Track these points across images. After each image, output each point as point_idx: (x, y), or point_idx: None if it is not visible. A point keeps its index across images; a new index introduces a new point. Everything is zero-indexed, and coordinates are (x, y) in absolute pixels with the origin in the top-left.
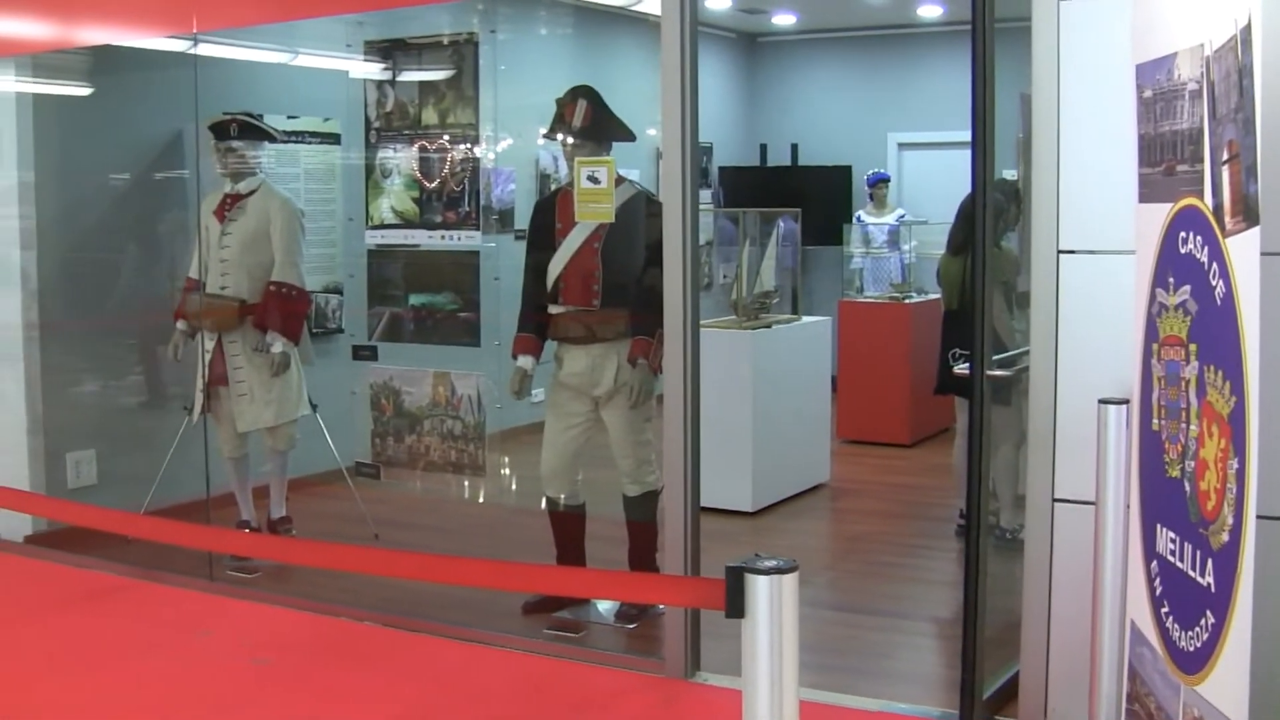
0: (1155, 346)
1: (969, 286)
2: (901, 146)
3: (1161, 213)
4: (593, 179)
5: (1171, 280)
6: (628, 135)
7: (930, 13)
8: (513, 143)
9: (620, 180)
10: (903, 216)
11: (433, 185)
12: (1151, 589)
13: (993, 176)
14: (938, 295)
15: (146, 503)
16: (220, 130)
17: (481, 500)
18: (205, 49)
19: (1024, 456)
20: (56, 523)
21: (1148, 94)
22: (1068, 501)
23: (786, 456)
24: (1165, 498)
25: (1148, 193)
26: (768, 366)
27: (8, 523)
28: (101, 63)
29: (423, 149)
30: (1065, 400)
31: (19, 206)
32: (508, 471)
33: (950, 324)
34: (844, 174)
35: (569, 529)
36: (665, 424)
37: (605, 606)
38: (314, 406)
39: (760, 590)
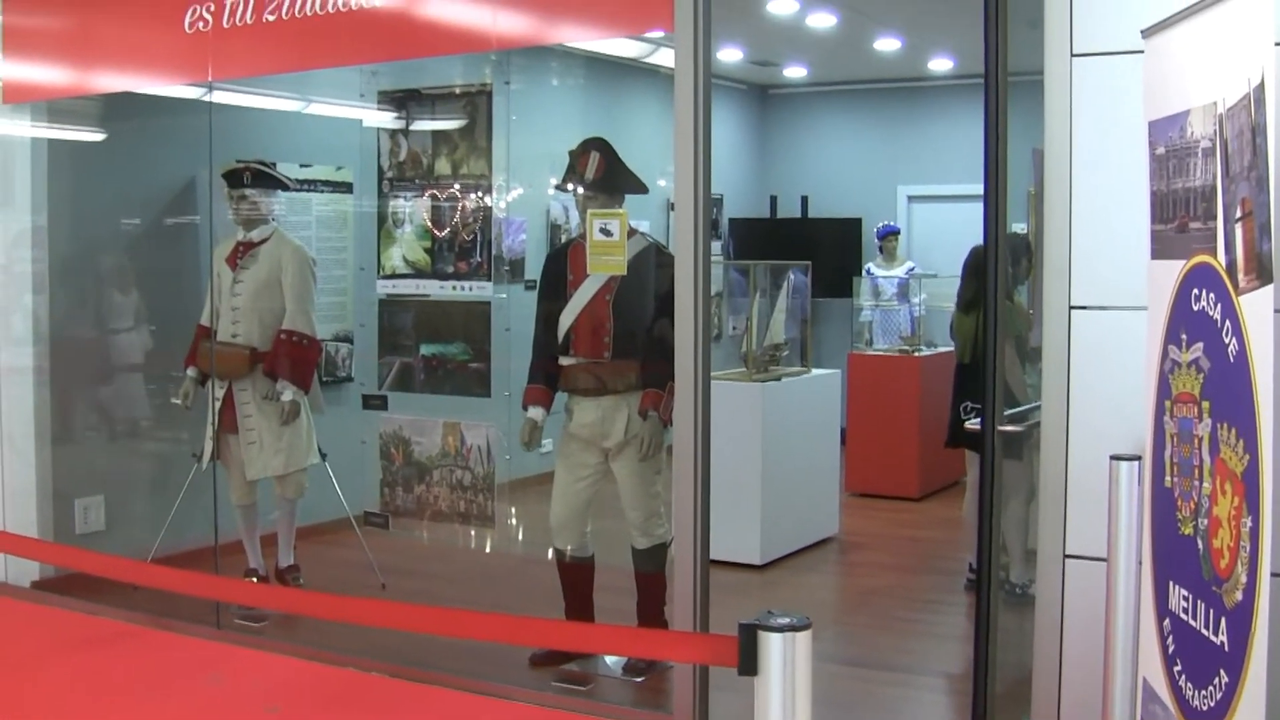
0: (1168, 403)
1: (981, 340)
2: (911, 199)
3: (1174, 269)
4: (605, 231)
5: (1184, 337)
6: (640, 187)
7: (941, 66)
8: (524, 192)
9: (632, 232)
10: (912, 269)
11: (445, 235)
12: (1164, 646)
13: (1005, 230)
14: (948, 348)
15: (154, 549)
16: (233, 178)
17: (490, 550)
18: (219, 96)
19: (1034, 511)
20: (64, 568)
21: (1160, 150)
22: (1079, 558)
23: (795, 509)
24: (1178, 555)
25: (1160, 249)
26: (777, 419)
27: (15, 568)
28: (116, 108)
29: (435, 198)
30: (1077, 456)
31: (31, 250)
32: (516, 522)
33: (962, 377)
34: (854, 226)
35: (578, 580)
36: (675, 476)
37: (613, 659)
38: (323, 455)
39: (774, 648)
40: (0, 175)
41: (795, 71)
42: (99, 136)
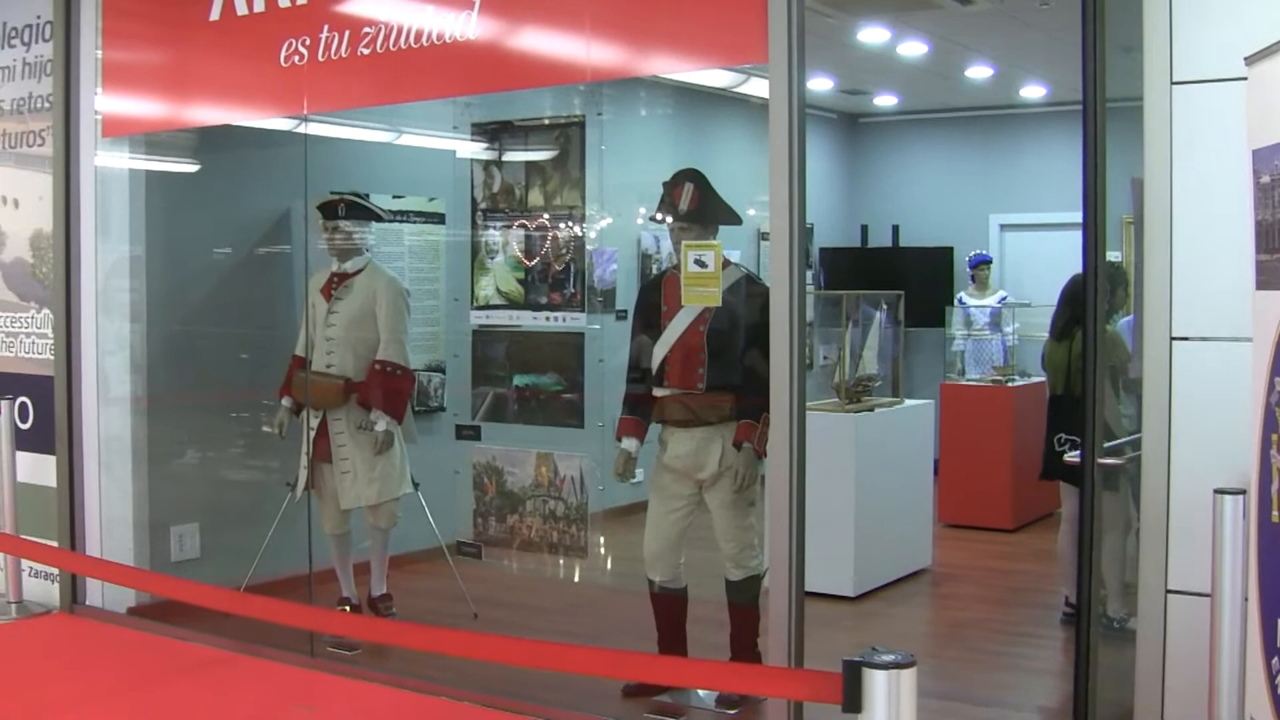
0: (1275, 437)
1: (1074, 371)
2: (1003, 228)
3: None
4: (700, 262)
5: None
6: (734, 219)
7: (1033, 93)
8: (615, 222)
9: (726, 263)
10: (1004, 298)
11: (537, 265)
12: (1272, 685)
13: (1104, 260)
14: (1041, 378)
15: (249, 576)
16: (328, 210)
17: (583, 581)
18: (314, 128)
19: (1132, 544)
20: (159, 595)
21: (1265, 179)
22: (1182, 593)
23: (888, 541)
24: None
25: (1265, 279)
26: (870, 450)
27: (112, 594)
28: (211, 140)
29: (528, 229)
30: (1179, 489)
31: (129, 280)
32: (609, 552)
33: (1056, 409)
34: (945, 255)
35: (671, 611)
36: (770, 509)
37: (706, 691)
38: (415, 485)
39: (878, 685)
40: (98, 206)
41: (886, 100)
42: (195, 168)
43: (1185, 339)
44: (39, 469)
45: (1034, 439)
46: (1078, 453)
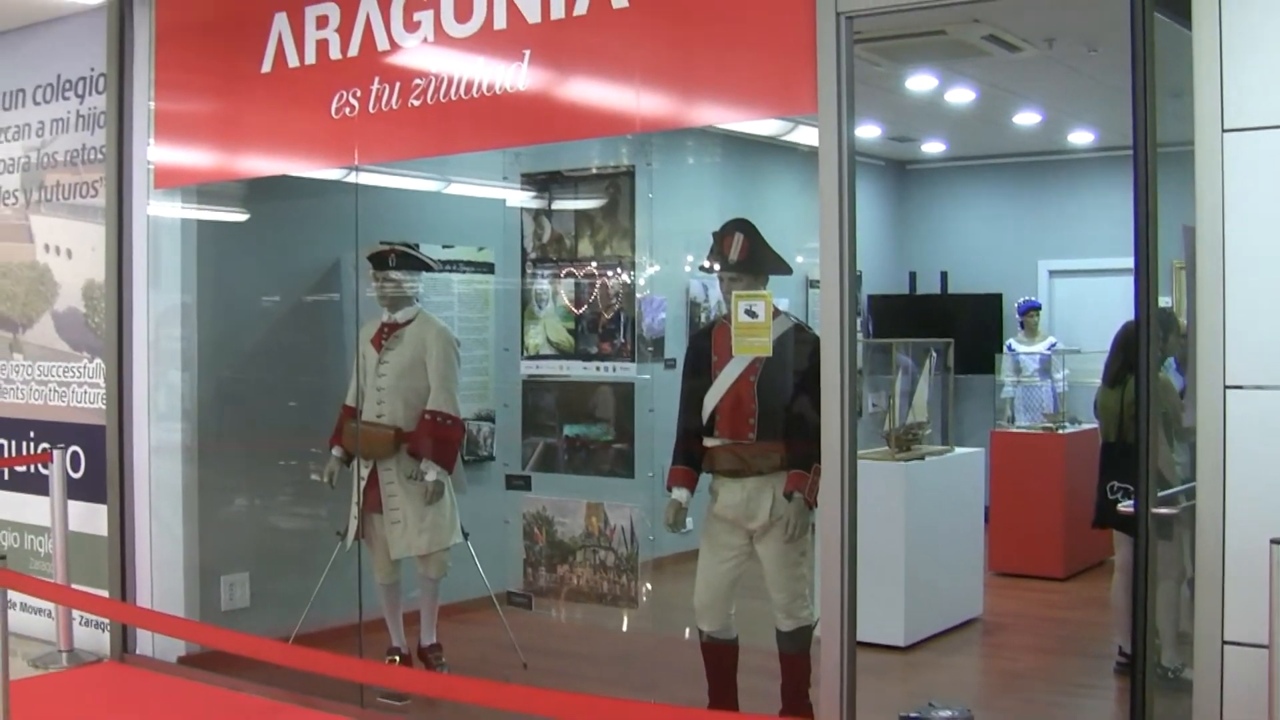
0: None
1: (1126, 418)
2: (1053, 274)
3: None
4: (750, 312)
5: None
6: (784, 269)
7: (1082, 139)
8: (664, 271)
9: (777, 312)
10: (1054, 345)
11: (587, 315)
12: None
13: (1156, 307)
14: (1092, 425)
15: (299, 625)
16: (379, 260)
17: (633, 630)
18: (364, 177)
19: (1186, 593)
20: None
21: None
22: (1238, 644)
23: (939, 589)
24: None
25: None
26: (920, 498)
27: (162, 643)
28: (262, 189)
29: (578, 278)
30: (1234, 539)
31: (180, 328)
32: (659, 602)
33: (1108, 456)
34: (994, 302)
35: (722, 661)
36: (822, 558)
37: None
38: (465, 535)
39: None
40: (150, 256)
41: (934, 146)
42: (245, 217)
43: (1239, 387)
44: (90, 518)
45: (1085, 486)
46: (1131, 501)
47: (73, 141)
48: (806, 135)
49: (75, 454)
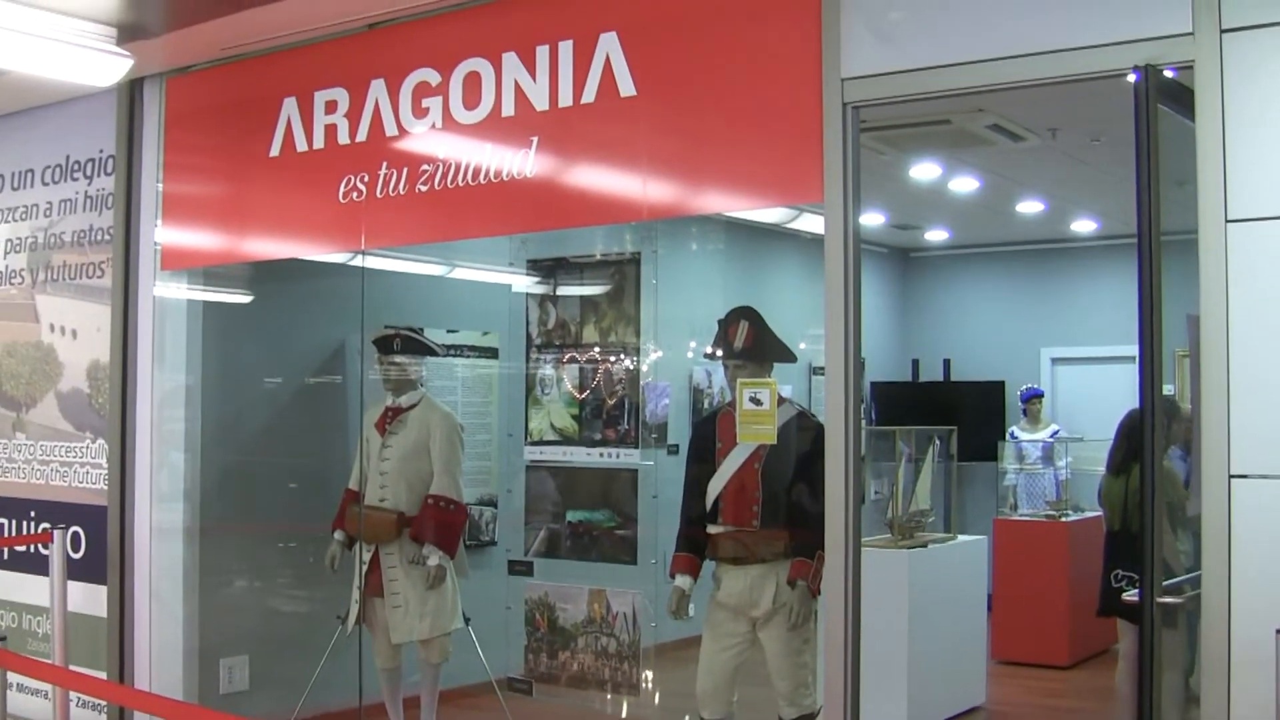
0: None
1: (1131, 506)
2: (1055, 361)
3: None
4: (755, 400)
5: None
6: (789, 356)
7: (1084, 228)
8: (667, 357)
9: (781, 400)
10: (1057, 432)
11: (591, 400)
12: None
13: (1161, 396)
14: (1095, 513)
15: (298, 710)
16: (383, 344)
17: (634, 717)
18: (370, 261)
19: (1193, 684)
20: None
21: None
22: None
23: (942, 677)
24: None
25: None
26: (923, 586)
27: None
28: (268, 271)
29: (583, 364)
30: (1240, 629)
31: (184, 409)
32: (662, 689)
33: (1113, 545)
34: (997, 389)
35: None
36: (825, 647)
37: None
38: (467, 620)
39: None
40: (155, 336)
41: (937, 235)
42: (251, 299)
43: (1244, 476)
44: (90, 599)
45: (1089, 574)
46: (1136, 590)
47: (80, 222)
48: (810, 223)
49: (76, 534)
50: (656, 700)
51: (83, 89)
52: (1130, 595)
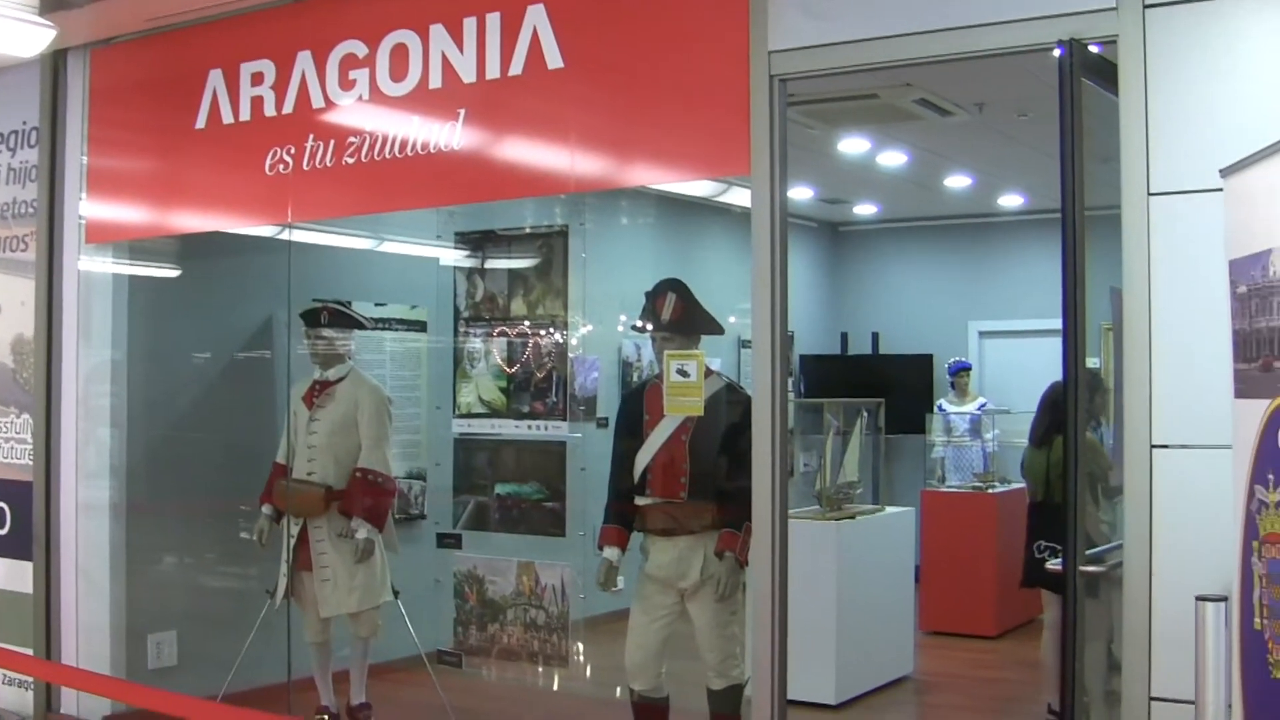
0: (1256, 544)
1: (1054, 478)
2: (983, 335)
3: (1259, 408)
4: (682, 372)
5: (1271, 477)
6: (716, 329)
7: (1012, 202)
8: (597, 330)
9: (709, 372)
10: (984, 405)
11: (520, 374)
12: None
13: (1084, 368)
14: (1021, 485)
15: (226, 685)
16: (311, 318)
17: (564, 690)
18: (297, 235)
19: (1116, 652)
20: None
21: (1242, 289)
22: (1166, 700)
23: (870, 648)
24: (1270, 699)
25: (1244, 388)
26: (851, 557)
27: (87, 703)
28: (194, 246)
29: (511, 338)
30: (1161, 597)
31: (110, 385)
32: (590, 661)
33: (1036, 516)
34: (925, 362)
35: None
36: (754, 617)
37: None
38: (396, 593)
39: None
40: (80, 311)
41: (866, 209)
42: (178, 273)
43: (1165, 446)
44: (16, 575)
45: (1016, 545)
46: (1059, 560)
47: (3, 195)
48: (740, 196)
49: (1, 510)
50: (587, 673)
51: (6, 60)
52: (1053, 565)
